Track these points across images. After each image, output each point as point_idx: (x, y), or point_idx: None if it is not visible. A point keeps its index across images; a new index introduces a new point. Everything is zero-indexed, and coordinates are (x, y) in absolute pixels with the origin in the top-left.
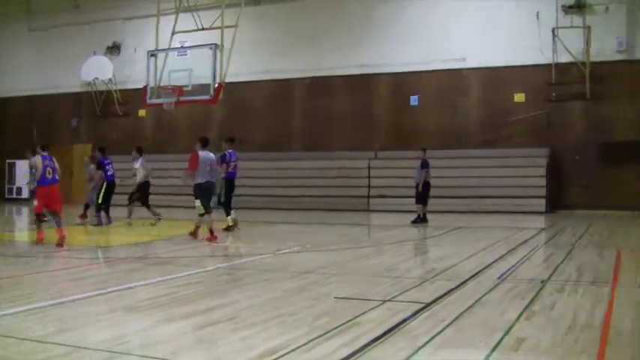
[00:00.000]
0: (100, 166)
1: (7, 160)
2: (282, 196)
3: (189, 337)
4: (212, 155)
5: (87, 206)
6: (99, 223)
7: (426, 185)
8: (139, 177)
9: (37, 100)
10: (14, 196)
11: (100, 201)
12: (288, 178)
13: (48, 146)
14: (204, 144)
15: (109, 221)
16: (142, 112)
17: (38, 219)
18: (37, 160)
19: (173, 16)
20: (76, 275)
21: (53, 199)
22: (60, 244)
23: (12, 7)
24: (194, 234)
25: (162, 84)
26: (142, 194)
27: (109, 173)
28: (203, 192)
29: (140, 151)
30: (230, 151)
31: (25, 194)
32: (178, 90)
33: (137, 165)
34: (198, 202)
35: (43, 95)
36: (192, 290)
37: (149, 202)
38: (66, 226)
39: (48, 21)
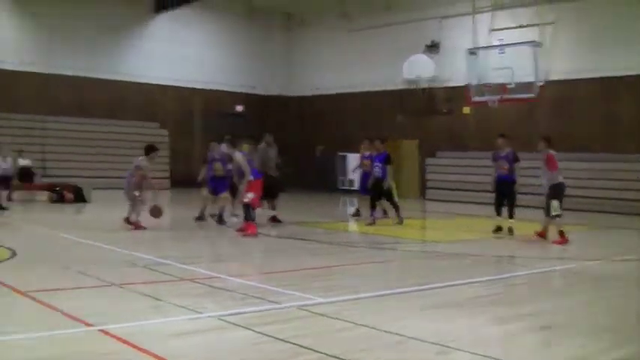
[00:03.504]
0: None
1: (339, 153)
2: (613, 199)
3: (521, 340)
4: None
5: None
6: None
7: None
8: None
9: (354, 97)
10: (346, 187)
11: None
12: (619, 180)
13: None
14: (550, 142)
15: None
16: (465, 110)
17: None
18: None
19: (489, 14)
20: (402, 268)
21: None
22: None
23: (328, 11)
24: (543, 234)
25: (484, 81)
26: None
27: None
28: (561, 192)
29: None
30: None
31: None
32: (502, 88)
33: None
34: (555, 203)
35: (360, 92)
36: (521, 291)
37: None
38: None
39: (364, 22)
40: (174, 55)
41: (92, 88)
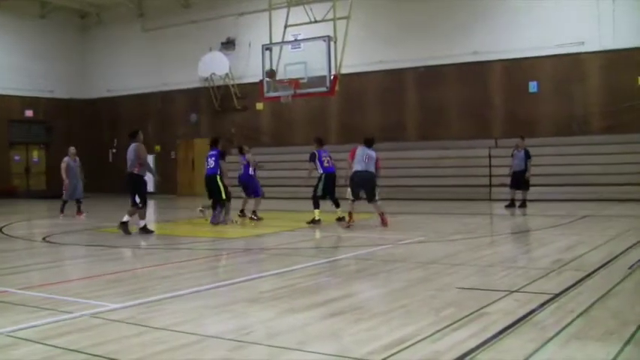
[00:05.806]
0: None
1: None
2: (400, 186)
3: (315, 328)
4: (371, 151)
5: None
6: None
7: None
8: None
9: (152, 97)
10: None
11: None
12: (404, 168)
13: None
14: (367, 143)
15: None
16: (259, 106)
17: None
18: None
19: (285, 10)
20: (198, 267)
21: None
22: None
23: (124, 10)
24: (383, 222)
25: (278, 77)
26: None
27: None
28: (351, 180)
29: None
30: (319, 149)
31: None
32: (295, 83)
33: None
34: (348, 190)
35: (158, 92)
36: (315, 281)
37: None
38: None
39: (160, 21)
40: None
41: None
